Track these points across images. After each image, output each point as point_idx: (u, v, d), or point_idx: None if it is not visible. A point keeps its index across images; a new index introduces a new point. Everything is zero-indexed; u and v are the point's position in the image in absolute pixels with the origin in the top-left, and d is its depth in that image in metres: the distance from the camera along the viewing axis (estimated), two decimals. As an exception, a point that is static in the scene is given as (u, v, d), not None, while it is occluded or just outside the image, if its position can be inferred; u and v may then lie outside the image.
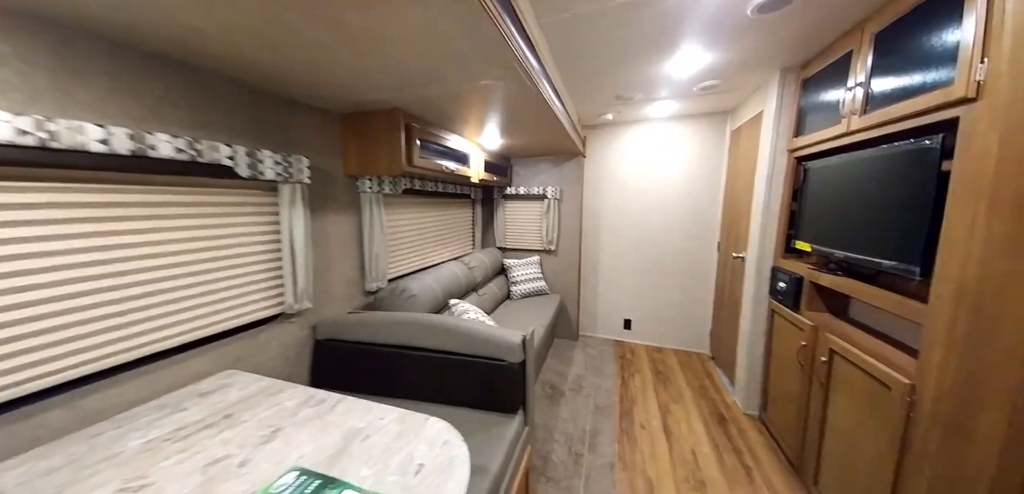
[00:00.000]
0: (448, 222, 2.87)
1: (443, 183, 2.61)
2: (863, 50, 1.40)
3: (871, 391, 1.30)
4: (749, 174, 2.37)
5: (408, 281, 2.01)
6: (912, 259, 1.17)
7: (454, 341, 1.53)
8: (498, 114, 1.84)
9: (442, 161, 2.03)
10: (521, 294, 3.16)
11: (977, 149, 0.98)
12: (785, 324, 1.93)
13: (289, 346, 1.58)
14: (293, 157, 1.45)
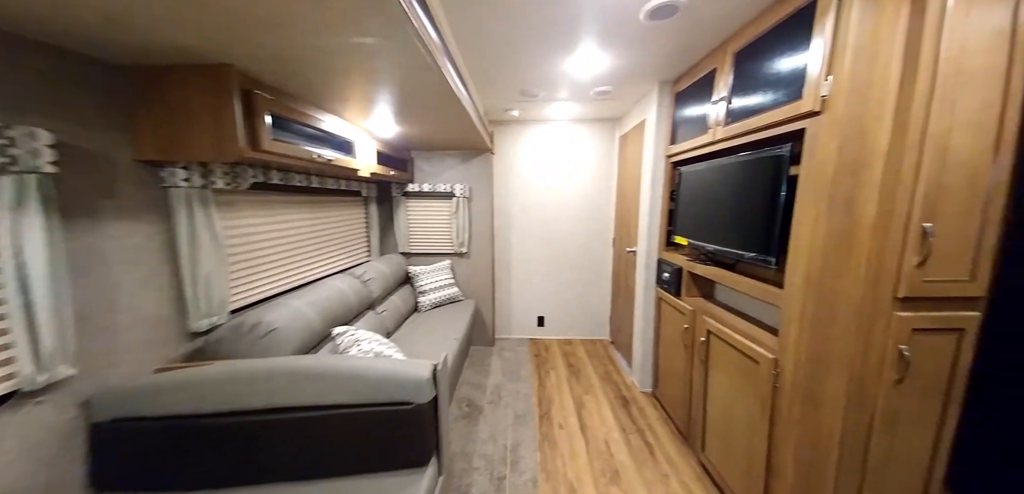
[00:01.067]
0: (330, 226, 2.21)
1: (320, 177, 1.99)
2: (725, 68, 1.52)
3: (743, 366, 1.42)
4: (636, 177, 2.52)
5: (265, 310, 1.42)
6: (769, 251, 1.29)
7: (337, 389, 1.13)
8: (390, 93, 1.46)
9: (313, 147, 1.51)
10: (431, 304, 2.78)
11: (820, 156, 1.08)
12: (670, 309, 2.08)
13: (40, 443, 0.95)
14: (17, 130, 0.83)
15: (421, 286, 2.80)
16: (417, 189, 2.92)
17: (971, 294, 1.04)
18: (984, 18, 0.92)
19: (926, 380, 1.10)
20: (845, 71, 1.01)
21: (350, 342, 1.47)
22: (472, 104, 1.89)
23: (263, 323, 1.36)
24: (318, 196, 2.11)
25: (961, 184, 0.99)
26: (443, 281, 2.91)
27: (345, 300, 1.84)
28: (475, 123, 2.03)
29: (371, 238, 2.73)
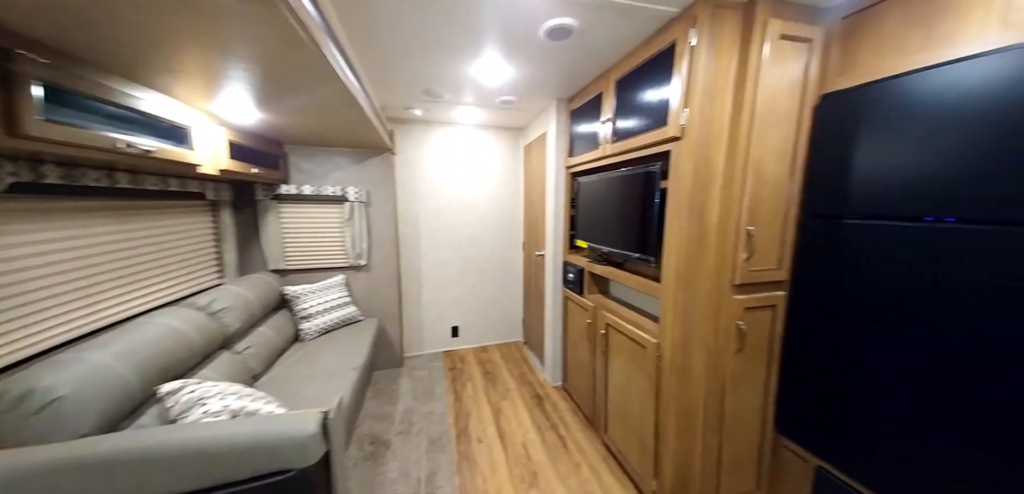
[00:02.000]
0: (156, 242, 1.58)
1: (133, 175, 1.38)
2: (610, 93, 1.67)
3: (634, 352, 1.57)
4: (541, 185, 2.61)
5: (43, 371, 0.93)
6: (649, 251, 1.45)
7: (171, 476, 0.80)
8: (248, 71, 1.13)
9: (120, 134, 1.06)
10: (319, 330, 2.23)
11: (681, 173, 1.25)
12: (575, 307, 2.21)
13: None
14: None
15: (304, 309, 2.23)
16: (294, 191, 2.33)
17: (779, 279, 1.35)
18: (785, 71, 1.18)
19: (756, 347, 1.38)
20: (696, 105, 1.19)
21: (190, 402, 1.05)
22: (366, 96, 1.64)
23: (37, 391, 0.88)
24: (132, 200, 1.47)
25: (771, 197, 1.27)
26: (335, 300, 2.38)
27: (182, 341, 1.31)
28: (370, 118, 1.76)
29: (225, 254, 2.04)
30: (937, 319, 0.95)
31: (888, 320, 1.05)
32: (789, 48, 1.16)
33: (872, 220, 1.08)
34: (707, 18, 1.12)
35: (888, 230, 1.04)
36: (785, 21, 1.12)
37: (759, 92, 1.15)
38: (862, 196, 1.10)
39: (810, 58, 1.18)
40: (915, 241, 0.98)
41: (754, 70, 1.14)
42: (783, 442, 1.43)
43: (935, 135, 0.93)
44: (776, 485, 1.47)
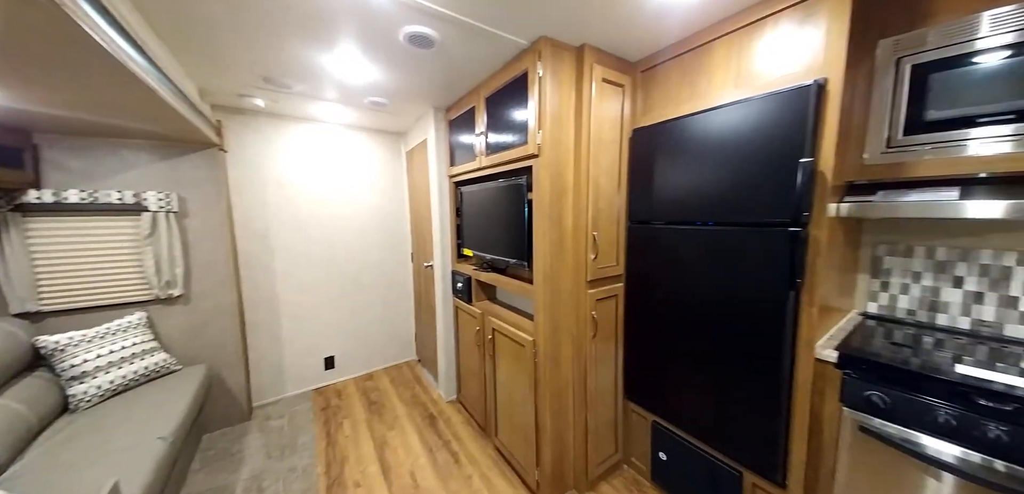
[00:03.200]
0: None
1: None
2: (481, 108, 1.75)
3: (516, 351, 1.68)
4: (425, 193, 2.54)
5: None
6: (523, 256, 1.58)
7: None
8: None
9: None
10: (103, 393, 1.62)
11: (541, 187, 1.41)
12: (465, 316, 2.22)
13: None
14: None
15: (74, 366, 1.58)
16: (52, 200, 1.65)
17: (618, 273, 1.66)
18: (608, 107, 1.47)
19: (606, 331, 1.66)
20: (548, 128, 1.36)
21: None
22: (162, 76, 1.25)
23: None
24: None
25: (607, 207, 1.55)
26: (131, 348, 1.76)
27: None
28: (170, 102, 1.35)
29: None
30: (700, 285, 1.33)
31: (675, 295, 1.42)
32: (609, 89, 1.46)
33: (669, 225, 1.44)
34: (549, 54, 1.30)
35: (678, 232, 1.40)
36: (605, 67, 1.42)
37: (592, 122, 1.41)
38: (662, 207, 1.45)
39: (624, 99, 1.51)
40: (692, 238, 1.36)
41: (586, 103, 1.39)
42: (630, 407, 1.76)
43: (698, 163, 1.31)
44: (628, 443, 1.79)
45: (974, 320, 1.14)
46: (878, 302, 1.34)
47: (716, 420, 1.35)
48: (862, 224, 1.34)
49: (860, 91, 1.06)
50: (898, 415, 0.93)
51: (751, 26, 1.15)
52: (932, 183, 1.00)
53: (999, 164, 0.87)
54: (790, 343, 1.12)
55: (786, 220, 1.08)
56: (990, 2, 0.85)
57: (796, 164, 1.03)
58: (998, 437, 0.79)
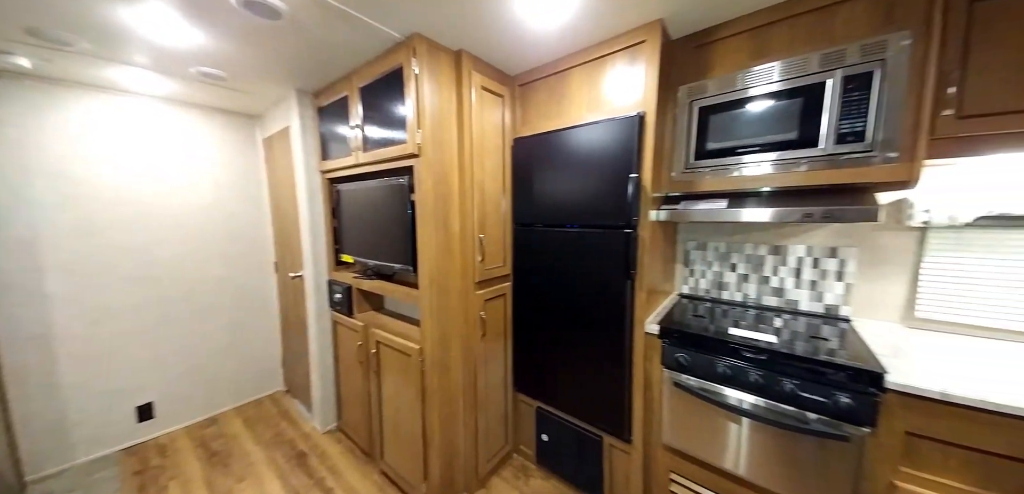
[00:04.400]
0: None
1: None
2: (355, 99, 1.60)
3: (402, 363, 1.59)
4: (291, 189, 2.16)
5: None
6: (409, 261, 1.51)
7: None
8: None
9: None
10: None
11: (424, 188, 1.38)
12: (345, 331, 1.98)
13: None
14: None
15: None
16: None
17: (505, 274, 1.76)
18: (490, 115, 1.55)
19: (495, 330, 1.73)
20: (428, 129, 1.34)
21: None
22: None
23: None
24: None
25: (493, 211, 1.63)
26: None
27: None
28: None
29: None
30: (569, 280, 1.54)
31: (552, 289, 1.60)
32: (490, 98, 1.54)
33: (547, 227, 1.60)
34: (425, 52, 1.29)
35: (553, 233, 1.58)
36: (484, 76, 1.49)
37: (474, 127, 1.45)
38: (541, 210, 1.61)
39: (504, 109, 1.62)
40: (563, 239, 1.55)
41: (468, 108, 1.43)
42: (519, 398, 1.88)
43: (565, 173, 1.50)
44: (518, 433, 1.92)
45: (744, 295, 1.65)
46: (689, 285, 1.80)
47: (582, 395, 1.58)
48: (677, 226, 1.78)
49: (669, 123, 1.41)
50: (696, 370, 1.25)
51: (597, 61, 1.39)
52: (712, 195, 1.39)
53: (753, 182, 1.27)
54: (629, 322, 1.39)
55: (622, 223, 1.34)
56: (746, 63, 1.25)
57: (628, 177, 1.30)
58: (756, 380, 1.13)
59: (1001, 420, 0.81)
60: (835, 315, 1.42)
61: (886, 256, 1.31)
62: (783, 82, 1.15)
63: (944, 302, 1.22)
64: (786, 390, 1.07)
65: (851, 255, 1.37)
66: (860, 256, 1.36)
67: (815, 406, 1.03)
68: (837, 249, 1.40)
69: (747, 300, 1.63)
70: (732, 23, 1.24)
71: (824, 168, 1.11)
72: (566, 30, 1.28)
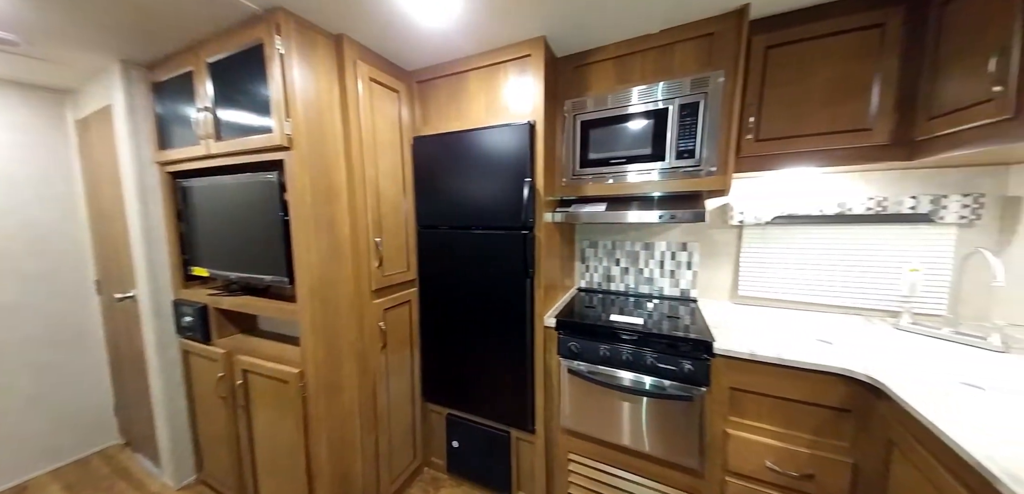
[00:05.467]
0: None
1: None
2: (202, 75, 1.28)
3: (277, 391, 1.33)
4: (116, 186, 1.63)
5: None
6: (282, 271, 1.27)
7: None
8: None
9: None
10: None
11: (298, 186, 1.17)
12: (200, 361, 1.58)
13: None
14: None
15: None
16: None
17: (409, 279, 1.63)
18: (384, 109, 1.41)
19: (399, 340, 1.59)
20: (301, 118, 1.14)
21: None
22: None
23: None
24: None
25: (392, 212, 1.49)
26: None
27: None
28: None
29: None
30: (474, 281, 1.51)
31: (459, 292, 1.55)
32: (382, 91, 1.40)
33: (452, 229, 1.53)
34: (294, 32, 1.10)
35: (458, 235, 1.52)
36: (373, 68, 1.34)
37: (362, 120, 1.30)
38: (445, 212, 1.53)
39: (400, 105, 1.50)
40: (468, 241, 1.50)
41: (354, 100, 1.27)
42: (429, 408, 1.77)
43: (468, 174, 1.46)
44: (428, 445, 1.80)
45: (626, 285, 1.85)
46: (585, 280, 1.95)
47: (491, 394, 1.56)
48: (573, 227, 1.92)
49: (559, 133, 1.50)
50: (585, 355, 1.35)
51: (492, 67, 1.39)
52: (595, 200, 1.53)
53: (623, 189, 1.41)
54: (529, 318, 1.43)
55: (520, 225, 1.37)
56: (614, 86, 1.38)
57: (524, 181, 1.33)
58: (627, 358, 1.27)
59: (795, 373, 1.04)
60: (687, 297, 1.70)
61: (718, 249, 1.63)
62: (640, 105, 1.32)
63: (757, 282, 1.56)
64: (649, 363, 1.23)
65: (696, 248, 1.67)
66: (702, 249, 1.66)
67: (669, 374, 1.20)
68: (686, 244, 1.68)
69: (628, 289, 1.84)
70: (602, 49, 1.38)
71: (670, 178, 1.31)
72: (455, 32, 1.24)
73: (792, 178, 1.45)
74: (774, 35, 1.18)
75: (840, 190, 1.39)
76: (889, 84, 1.08)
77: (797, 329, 1.27)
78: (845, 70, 1.12)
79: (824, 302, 1.45)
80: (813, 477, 1.04)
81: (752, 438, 1.12)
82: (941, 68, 0.99)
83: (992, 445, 0.67)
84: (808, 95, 1.17)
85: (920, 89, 1.05)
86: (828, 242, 1.43)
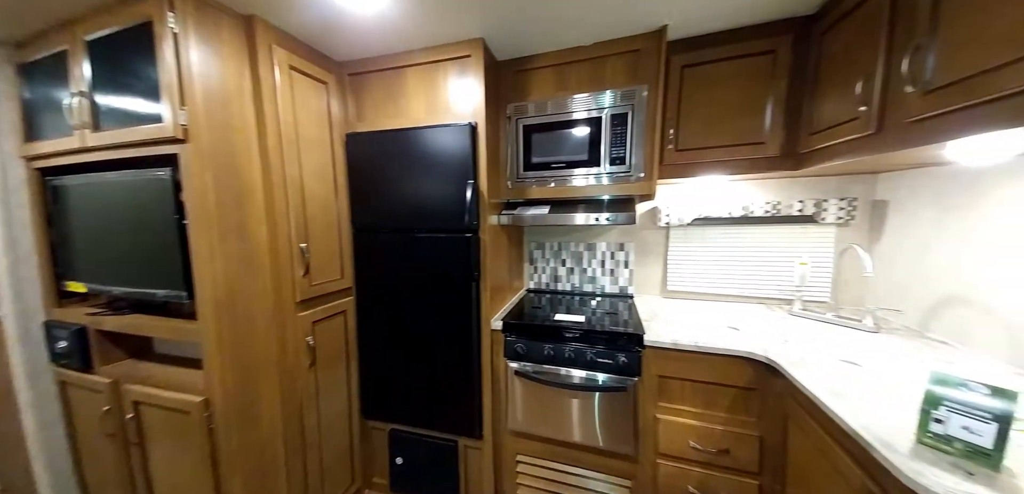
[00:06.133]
0: None
1: None
2: (79, 54, 1.08)
3: (177, 424, 1.15)
4: (-44, 187, 1.30)
5: None
6: (179, 284, 1.10)
7: None
8: None
9: None
10: None
11: (197, 185, 1.02)
12: (81, 393, 1.31)
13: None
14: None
15: None
16: None
17: (344, 287, 1.50)
18: (308, 102, 1.29)
19: (331, 355, 1.45)
20: (201, 107, 1.00)
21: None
22: None
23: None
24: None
25: (321, 214, 1.37)
26: None
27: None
28: None
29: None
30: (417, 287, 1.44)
31: (401, 298, 1.47)
32: (306, 82, 1.28)
33: (393, 232, 1.44)
34: (191, 9, 0.96)
35: (399, 238, 1.44)
36: (293, 55, 1.22)
37: (281, 112, 1.18)
38: (385, 214, 1.44)
39: (329, 98, 1.39)
40: (410, 244, 1.43)
41: (270, 89, 1.15)
42: (369, 425, 1.64)
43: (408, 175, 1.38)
44: (368, 465, 1.67)
45: (572, 285, 1.89)
46: (534, 281, 1.96)
47: (436, 404, 1.49)
48: (522, 228, 1.92)
49: (503, 136, 1.49)
50: (531, 356, 1.34)
51: (432, 65, 1.35)
52: (539, 202, 1.54)
53: (564, 192, 1.44)
54: (476, 322, 1.40)
55: (464, 228, 1.33)
56: (552, 93, 1.41)
57: (467, 184, 1.30)
58: (570, 355, 1.28)
59: (710, 358, 1.12)
60: (625, 294, 1.78)
61: (650, 248, 1.74)
62: (577, 113, 1.36)
63: (682, 278, 1.68)
64: (589, 359, 1.26)
65: (632, 248, 1.76)
66: (637, 248, 1.75)
67: (607, 367, 1.24)
68: (624, 244, 1.77)
69: (573, 289, 1.89)
70: (540, 57, 1.40)
71: (605, 183, 1.36)
72: (388, 24, 1.18)
73: (707, 184, 1.59)
74: (689, 56, 1.29)
75: (744, 195, 1.54)
76: (779, 103, 1.22)
77: (713, 318, 1.38)
78: (746, 90, 1.25)
79: (735, 293, 1.61)
80: (728, 451, 1.13)
81: (678, 421, 1.18)
82: (819, 90, 1.15)
83: (866, 414, 0.75)
84: (717, 111, 1.29)
85: (803, 108, 1.20)
86: (736, 240, 1.58)
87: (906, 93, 0.82)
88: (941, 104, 0.75)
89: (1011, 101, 0.63)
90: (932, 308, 1.16)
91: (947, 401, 0.63)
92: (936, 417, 0.64)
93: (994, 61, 0.65)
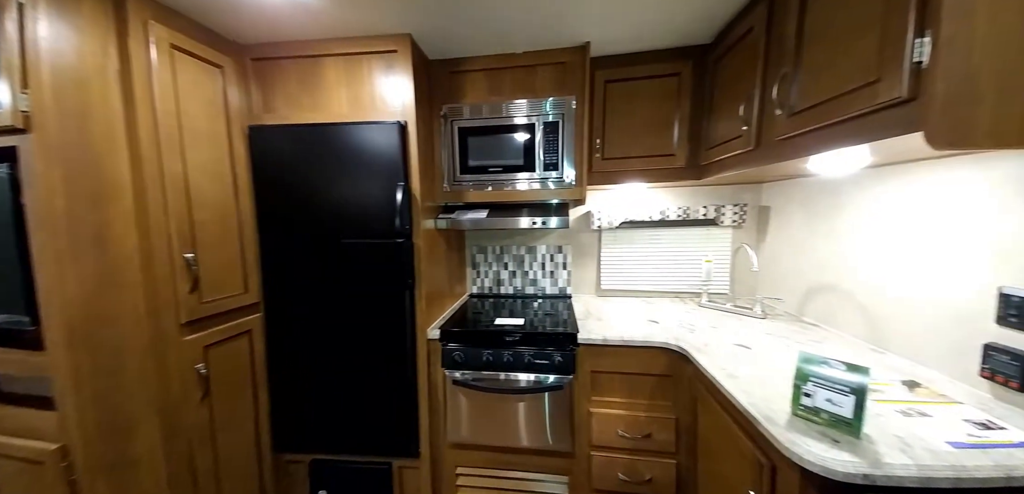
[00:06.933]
0: None
1: None
2: None
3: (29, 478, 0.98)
4: None
5: None
6: (18, 307, 0.93)
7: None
8: None
9: None
10: None
11: (42, 185, 0.88)
12: None
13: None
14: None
15: None
16: None
17: (248, 302, 1.38)
18: (196, 88, 1.17)
19: (231, 381, 1.33)
20: (47, 90, 0.86)
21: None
22: None
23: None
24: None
25: (217, 219, 1.24)
26: None
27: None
28: None
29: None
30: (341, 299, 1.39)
31: (321, 314, 1.40)
32: (194, 65, 1.17)
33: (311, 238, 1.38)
34: (36, -29, 0.82)
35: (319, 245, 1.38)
36: (177, 33, 1.11)
37: (159, 99, 1.06)
38: (301, 219, 1.37)
39: (226, 84, 1.28)
40: (330, 253, 1.37)
41: (143, 71, 1.03)
42: (284, 459, 1.53)
43: (327, 175, 1.33)
44: (282, 502, 1.55)
45: (514, 288, 1.98)
46: (477, 285, 2.01)
47: (366, 425, 1.45)
48: (463, 232, 1.96)
49: (437, 137, 1.52)
50: (470, 363, 1.39)
51: (355, 56, 1.33)
52: (477, 206, 1.60)
53: (501, 196, 1.53)
54: (410, 332, 1.40)
55: (395, 233, 1.33)
56: (486, 97, 1.49)
57: (397, 186, 1.29)
58: (509, 359, 1.35)
59: (633, 350, 1.29)
60: (564, 295, 1.94)
61: (585, 250, 1.92)
62: (512, 118, 1.47)
63: (613, 277, 1.90)
64: (528, 361, 1.35)
65: (569, 250, 1.92)
66: (573, 251, 1.93)
67: (545, 367, 1.35)
68: (562, 247, 1.93)
69: (516, 291, 1.99)
70: (474, 60, 1.48)
71: (539, 188, 1.49)
72: (298, 4, 1.13)
73: (631, 191, 1.82)
74: (610, 72, 1.48)
75: (661, 201, 1.81)
76: (684, 121, 1.47)
77: (638, 313, 1.59)
78: (658, 107, 1.47)
79: (655, 289, 1.87)
80: (650, 436, 1.31)
81: (608, 412, 1.34)
82: (714, 110, 1.40)
83: (752, 392, 0.87)
84: (635, 125, 1.49)
85: (703, 126, 1.46)
86: (656, 242, 1.84)
87: (776, 115, 1.00)
88: (802, 124, 0.90)
89: (856, 122, 0.75)
90: (806, 296, 1.47)
91: (813, 377, 0.72)
92: (805, 392, 0.73)
93: (844, 87, 0.77)
